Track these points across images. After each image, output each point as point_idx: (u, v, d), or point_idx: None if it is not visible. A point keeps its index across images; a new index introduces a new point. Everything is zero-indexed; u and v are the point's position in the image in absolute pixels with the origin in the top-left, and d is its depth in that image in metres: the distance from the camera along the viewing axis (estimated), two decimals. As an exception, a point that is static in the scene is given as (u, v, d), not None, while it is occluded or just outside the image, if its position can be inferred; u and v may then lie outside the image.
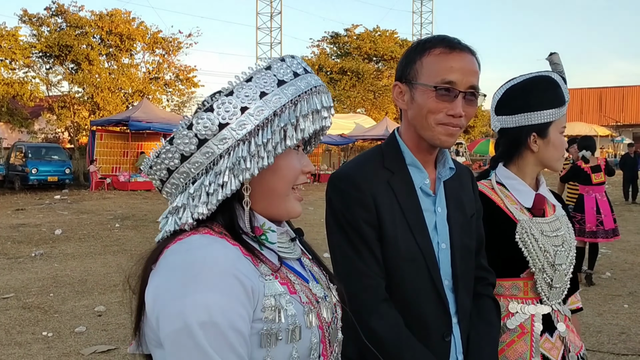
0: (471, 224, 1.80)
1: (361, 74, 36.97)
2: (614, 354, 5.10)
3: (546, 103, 2.01)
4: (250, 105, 1.12)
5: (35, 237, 11.21)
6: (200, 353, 1.00)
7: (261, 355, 1.08)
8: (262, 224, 1.20)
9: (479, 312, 1.80)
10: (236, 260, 1.08)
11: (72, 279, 7.89)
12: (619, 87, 53.10)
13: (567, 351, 2.01)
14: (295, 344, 1.11)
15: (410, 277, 1.64)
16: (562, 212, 2.15)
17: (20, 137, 28.68)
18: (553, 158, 2.07)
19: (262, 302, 1.09)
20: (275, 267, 1.16)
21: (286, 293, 1.13)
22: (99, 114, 27.52)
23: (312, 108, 1.17)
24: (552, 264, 1.99)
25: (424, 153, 1.72)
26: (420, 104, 1.63)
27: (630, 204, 17.95)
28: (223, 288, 1.03)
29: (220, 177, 1.12)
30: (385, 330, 1.56)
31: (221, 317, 1.01)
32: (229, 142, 1.11)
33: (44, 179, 22.13)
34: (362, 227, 1.61)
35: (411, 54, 1.68)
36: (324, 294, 1.24)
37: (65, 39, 26.67)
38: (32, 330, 5.76)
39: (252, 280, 1.08)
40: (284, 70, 1.17)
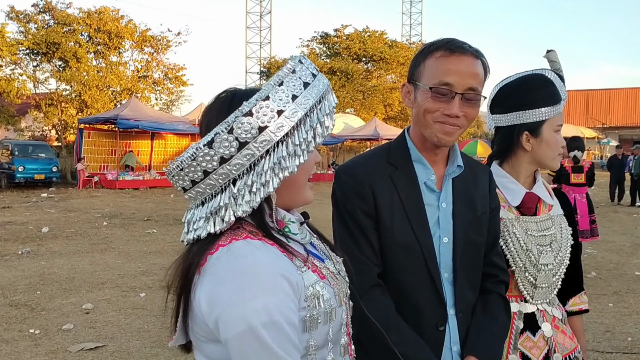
0: (481, 221, 1.84)
1: (350, 74, 36.98)
2: (598, 352, 5.16)
3: (539, 101, 2.01)
4: (285, 108, 1.20)
5: (22, 235, 11.14)
6: (266, 350, 1.12)
7: (305, 339, 1.21)
8: (283, 217, 1.31)
9: (484, 307, 1.84)
10: (279, 260, 1.20)
11: (59, 276, 7.85)
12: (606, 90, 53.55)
13: (552, 352, 2.02)
14: (331, 323, 1.25)
15: (405, 266, 1.73)
16: (558, 211, 2.15)
17: (6, 135, 28.45)
18: (547, 157, 2.07)
19: (304, 293, 1.21)
20: (304, 257, 1.27)
21: (318, 279, 1.25)
22: (86, 112, 27.31)
23: (331, 106, 1.27)
24: (536, 263, 2.00)
25: (429, 151, 1.80)
26: (420, 103, 1.73)
27: (616, 205, 18.12)
28: (276, 289, 1.15)
29: (262, 176, 1.20)
30: (373, 313, 1.59)
31: (279, 315, 1.13)
32: (269, 144, 1.19)
33: (31, 177, 21.96)
34: (359, 216, 1.72)
35: (418, 56, 1.78)
36: (337, 269, 1.36)
37: (53, 36, 26.44)
38: (19, 327, 5.73)
39: (294, 275, 1.19)
40: (305, 73, 1.25)
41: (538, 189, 2.12)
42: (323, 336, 1.24)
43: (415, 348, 1.66)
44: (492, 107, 2.12)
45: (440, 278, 1.74)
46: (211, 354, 1.24)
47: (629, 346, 5.35)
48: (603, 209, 16.82)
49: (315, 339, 1.22)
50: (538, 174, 2.17)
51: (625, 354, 5.13)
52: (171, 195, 20.14)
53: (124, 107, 24.07)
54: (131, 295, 6.91)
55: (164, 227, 12.52)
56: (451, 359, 1.76)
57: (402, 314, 1.71)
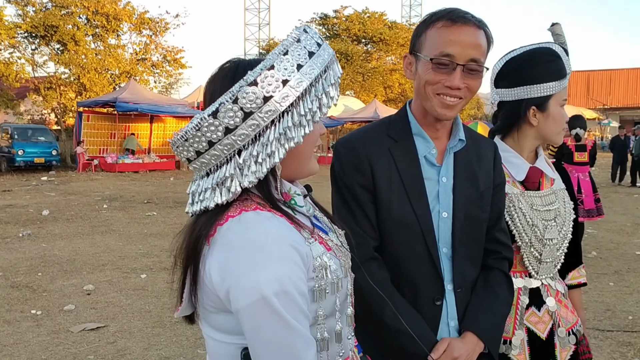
0: (483, 196, 1.81)
1: (350, 56, 36.77)
2: (599, 330, 5.18)
3: (546, 76, 1.98)
4: (291, 77, 1.18)
5: (23, 218, 11.14)
6: (278, 318, 1.14)
7: (314, 309, 1.24)
8: (289, 189, 1.31)
9: (485, 283, 1.82)
10: (288, 231, 1.20)
11: (60, 258, 7.86)
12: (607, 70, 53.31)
13: (557, 326, 2.01)
14: (337, 293, 1.27)
15: (402, 240, 1.71)
16: (560, 185, 2.13)
17: (6, 119, 28.38)
18: (553, 132, 2.05)
19: (312, 264, 1.22)
20: (311, 229, 1.27)
21: (325, 251, 1.27)
22: (85, 95, 27.19)
23: (337, 76, 1.25)
24: (541, 238, 1.98)
25: (430, 125, 1.77)
26: (420, 74, 1.71)
27: (617, 185, 18.11)
28: (286, 259, 1.16)
29: (268, 147, 1.18)
30: (368, 286, 1.57)
31: (290, 285, 1.15)
32: (274, 114, 1.17)
33: (31, 160, 21.94)
34: (357, 189, 1.72)
35: (420, 27, 1.74)
36: (339, 241, 1.36)
37: (51, 19, 26.26)
38: (20, 308, 5.74)
39: (303, 246, 1.21)
40: (310, 42, 1.22)
41: (541, 163, 2.09)
42: (331, 306, 1.26)
43: (410, 322, 1.62)
44: (497, 81, 2.07)
45: (438, 253, 1.72)
46: (221, 324, 1.25)
47: (629, 324, 5.36)
48: (604, 189, 16.81)
49: (324, 309, 1.25)
50: (540, 149, 2.14)
51: (625, 332, 5.15)
52: (171, 179, 20.14)
53: (123, 90, 23.96)
54: (132, 277, 6.92)
55: (164, 209, 12.52)
56: (448, 334, 1.74)
57: (399, 288, 1.70)
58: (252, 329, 1.15)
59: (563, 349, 2.02)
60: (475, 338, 1.71)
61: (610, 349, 4.79)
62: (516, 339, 1.95)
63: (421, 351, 1.62)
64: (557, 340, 2.01)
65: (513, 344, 1.95)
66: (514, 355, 1.94)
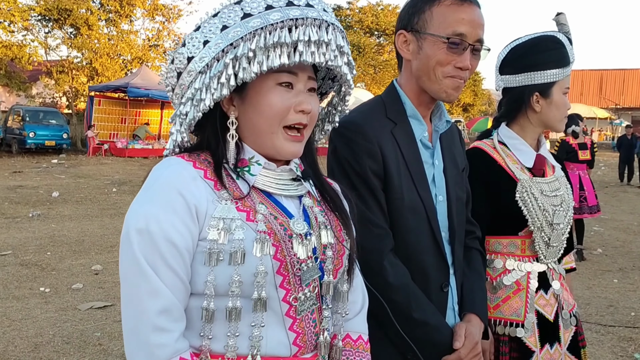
0: (462, 177, 1.83)
1: (362, 48, 36.69)
2: (601, 325, 5.20)
3: (550, 63, 2.01)
4: (211, 39, 1.17)
5: (33, 199, 11.25)
6: (132, 255, 1.11)
7: (205, 272, 1.15)
8: (251, 157, 1.25)
9: (469, 264, 1.84)
10: (188, 180, 1.16)
11: (69, 238, 7.96)
12: (620, 70, 52.88)
13: (561, 308, 2.06)
14: (237, 267, 1.14)
15: (412, 227, 1.65)
16: (561, 173, 2.18)
17: (17, 101, 28.51)
18: (555, 119, 2.08)
19: (208, 222, 1.15)
20: (240, 194, 1.20)
21: (240, 219, 1.17)
22: (97, 79, 27.28)
23: (277, 40, 1.15)
24: (551, 223, 2.02)
25: (424, 106, 1.72)
26: (429, 54, 1.62)
27: (625, 185, 18.03)
28: (165, 203, 1.13)
29: (184, 106, 1.20)
30: (394, 279, 1.58)
31: (156, 226, 1.11)
32: (193, 74, 1.19)
33: (42, 142, 22.07)
34: (370, 177, 1.60)
35: (419, 3, 1.65)
36: (307, 232, 1.24)
37: (65, 3, 26.30)
38: (29, 285, 5.83)
39: (199, 199, 1.15)
40: (255, 4, 1.17)
41: (544, 151, 2.13)
42: (225, 278, 1.15)
43: (431, 314, 1.63)
44: (501, 68, 2.11)
45: (441, 238, 1.70)
46: None
47: (632, 320, 5.38)
48: (612, 188, 16.76)
49: (215, 277, 1.14)
50: (542, 137, 2.18)
51: (627, 327, 5.17)
52: (180, 165, 20.19)
53: (135, 76, 24.03)
54: (140, 259, 6.99)
55: (172, 194, 12.58)
56: (454, 319, 1.75)
57: (411, 276, 1.64)
58: (119, 261, 1.15)
59: (566, 330, 2.08)
60: (478, 319, 1.74)
61: (611, 343, 4.82)
62: (528, 322, 2.00)
63: (445, 341, 1.63)
64: (561, 322, 2.06)
65: (525, 327, 1.99)
66: (526, 338, 1.99)
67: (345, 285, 1.34)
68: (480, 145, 2.11)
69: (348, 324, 1.40)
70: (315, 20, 1.18)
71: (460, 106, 42.31)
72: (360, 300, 1.45)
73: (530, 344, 1.99)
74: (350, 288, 1.37)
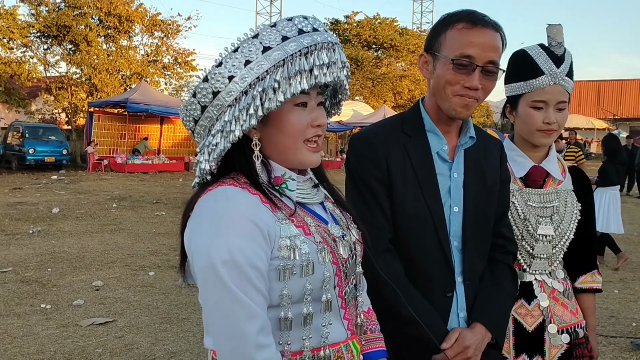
0: (491, 192, 1.87)
1: (360, 62, 36.84)
2: (603, 336, 5.20)
3: (514, 76, 2.07)
4: (236, 73, 1.26)
5: (33, 215, 11.25)
6: (222, 286, 1.20)
7: (279, 287, 1.28)
8: (284, 174, 1.38)
9: (491, 276, 1.87)
10: (254, 207, 1.26)
11: (69, 255, 7.95)
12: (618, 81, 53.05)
13: (549, 322, 2.06)
14: (308, 277, 1.29)
15: (416, 233, 1.76)
16: (568, 187, 2.16)
17: (17, 118, 28.55)
18: (522, 131, 2.11)
19: (278, 243, 1.27)
20: (290, 211, 1.32)
21: (301, 234, 1.31)
22: (96, 95, 27.36)
23: (300, 68, 1.27)
24: (533, 233, 2.04)
25: (443, 122, 1.82)
26: (440, 74, 1.75)
27: (625, 195, 18.05)
28: (242, 232, 1.22)
29: (214, 137, 1.30)
30: (385, 275, 1.63)
31: (240, 256, 1.20)
32: (221, 107, 1.29)
33: (41, 159, 22.08)
34: (373, 184, 1.76)
35: (438, 27, 1.79)
36: (342, 233, 1.41)
37: (64, 19, 26.45)
38: (30, 302, 5.83)
39: (268, 224, 1.26)
40: (273, 36, 1.28)
41: (547, 163, 2.14)
42: (299, 289, 1.29)
43: (423, 312, 1.69)
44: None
45: (449, 246, 1.78)
46: None
47: (633, 331, 5.38)
48: (611, 199, 16.75)
49: (290, 289, 1.28)
50: (552, 149, 2.18)
51: (629, 338, 5.16)
52: (180, 180, 20.24)
53: (134, 91, 24.10)
54: (140, 274, 7.00)
55: (172, 209, 12.60)
56: (458, 324, 1.79)
57: (412, 280, 1.75)
58: (202, 293, 1.23)
59: (553, 345, 2.07)
60: (484, 329, 1.76)
61: (613, 354, 4.82)
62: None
63: (437, 340, 1.69)
64: (547, 336, 2.06)
65: None
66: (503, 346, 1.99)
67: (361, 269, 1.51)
68: None
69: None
70: (324, 44, 1.30)
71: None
72: (364, 278, 1.60)
73: (504, 350, 2.01)
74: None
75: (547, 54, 2.04)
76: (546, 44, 2.09)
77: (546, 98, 2.03)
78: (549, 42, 2.08)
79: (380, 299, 1.66)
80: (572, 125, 44.19)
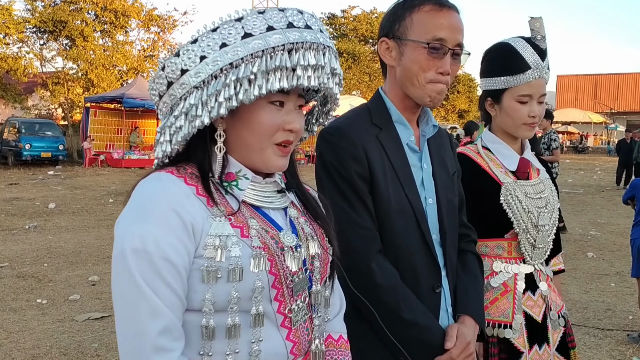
0: (453, 181, 1.85)
1: (357, 56, 36.82)
2: (599, 329, 5.21)
3: (498, 70, 2.05)
4: (209, 55, 1.15)
5: (29, 211, 11.23)
6: (129, 276, 1.09)
7: (202, 290, 1.14)
8: (238, 171, 1.25)
9: (464, 266, 1.85)
10: (182, 197, 1.14)
11: (66, 250, 7.94)
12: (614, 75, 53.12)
13: (549, 309, 2.09)
14: (235, 284, 1.14)
15: (401, 230, 1.68)
16: (546, 175, 2.20)
17: (13, 113, 28.49)
18: (507, 125, 2.10)
19: (204, 240, 1.14)
20: (231, 210, 1.20)
21: (235, 236, 1.17)
22: (93, 90, 27.28)
23: (279, 64, 1.14)
24: (536, 224, 2.05)
25: (409, 111, 1.75)
26: (411, 60, 1.65)
27: (622, 189, 18.08)
28: (161, 221, 1.11)
29: (177, 119, 1.18)
30: (382, 279, 1.60)
31: (153, 246, 1.09)
32: (186, 87, 1.17)
33: (38, 154, 22.00)
34: (355, 180, 1.64)
35: (399, 10, 1.69)
36: (297, 244, 1.26)
37: (60, 15, 26.35)
38: (26, 297, 5.82)
39: (194, 218, 1.14)
40: (258, 24, 1.16)
41: (528, 154, 2.16)
42: (224, 296, 1.15)
43: (422, 314, 1.65)
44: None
45: (432, 240, 1.72)
46: None
47: (629, 324, 5.39)
48: (609, 192, 16.82)
49: (213, 294, 1.14)
50: (526, 140, 2.19)
51: (625, 331, 5.17)
52: (177, 175, 20.16)
53: (130, 86, 24.05)
54: (137, 269, 6.97)
55: (169, 204, 12.57)
56: (447, 320, 1.75)
57: (401, 279, 1.66)
58: (112, 282, 1.13)
59: (554, 330, 2.10)
60: (473, 321, 1.74)
61: (610, 347, 4.83)
62: (516, 323, 2.02)
63: (436, 341, 1.63)
64: (550, 323, 2.08)
65: (513, 328, 2.01)
66: (514, 339, 2.01)
67: (327, 291, 1.36)
68: (464, 151, 2.15)
69: (328, 325, 1.42)
70: (312, 44, 1.18)
71: (455, 112, 42.42)
72: (338, 302, 1.49)
73: (519, 344, 2.01)
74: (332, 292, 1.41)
75: (532, 47, 2.03)
76: (527, 36, 2.08)
77: (532, 92, 2.04)
78: (532, 35, 2.06)
79: (380, 305, 1.55)
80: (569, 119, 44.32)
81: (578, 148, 42.09)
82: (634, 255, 5.22)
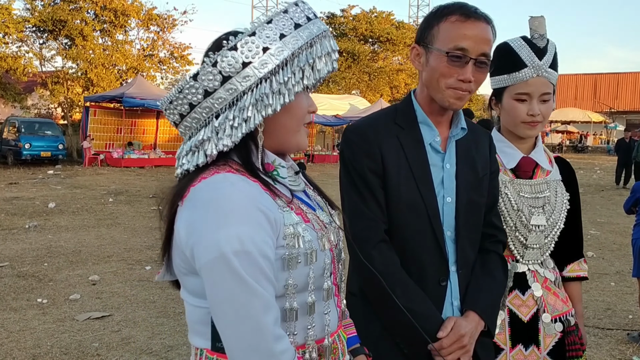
0: (482, 182, 1.90)
1: (357, 55, 36.81)
2: (599, 328, 5.22)
3: (498, 69, 2.09)
4: (271, 45, 1.21)
5: (29, 210, 11.23)
6: (236, 277, 1.14)
7: (284, 277, 1.23)
8: (273, 161, 1.33)
9: (483, 265, 1.89)
10: (258, 195, 1.21)
11: (66, 249, 7.94)
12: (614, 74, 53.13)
13: (542, 312, 2.08)
14: (312, 265, 1.26)
15: (410, 223, 1.78)
16: (556, 176, 2.19)
17: (13, 113, 28.46)
18: (508, 123, 2.13)
19: (283, 231, 1.23)
20: (288, 199, 1.29)
21: (301, 222, 1.27)
22: (92, 90, 27.26)
23: (325, 50, 1.27)
24: (526, 224, 2.06)
25: (435, 113, 1.84)
26: (434, 67, 1.75)
27: (622, 188, 18.09)
28: (251, 220, 1.16)
29: (244, 112, 1.22)
30: (380, 266, 1.69)
31: (252, 246, 1.15)
32: (252, 79, 1.21)
33: (37, 154, 22.01)
34: (367, 175, 1.77)
35: (431, 19, 1.79)
36: (329, 219, 1.39)
37: (59, 14, 26.33)
38: (26, 297, 5.82)
39: (273, 212, 1.21)
40: (299, 15, 1.26)
41: (536, 154, 2.16)
42: (303, 277, 1.26)
43: (419, 301, 1.72)
44: None
45: (443, 236, 1.80)
46: (192, 286, 1.26)
47: (629, 323, 5.40)
48: (608, 192, 16.84)
49: (295, 279, 1.24)
50: (539, 140, 2.20)
51: (625, 330, 5.18)
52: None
53: (130, 86, 24.04)
54: (137, 268, 6.99)
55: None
56: (452, 313, 1.82)
57: (407, 270, 1.76)
58: (211, 287, 1.16)
59: (547, 334, 2.09)
60: (477, 317, 1.78)
61: (610, 346, 4.83)
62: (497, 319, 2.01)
63: (430, 329, 1.70)
64: (541, 326, 2.08)
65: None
66: (495, 335, 2.00)
67: (342, 254, 1.47)
68: None
69: None
70: (325, 32, 1.30)
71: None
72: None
73: (499, 341, 2.03)
74: None
75: (530, 46, 2.05)
76: (529, 36, 2.09)
77: (529, 90, 2.05)
78: (531, 34, 2.08)
79: (374, 289, 1.69)
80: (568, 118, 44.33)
81: (577, 147, 42.16)
82: (635, 255, 5.22)
